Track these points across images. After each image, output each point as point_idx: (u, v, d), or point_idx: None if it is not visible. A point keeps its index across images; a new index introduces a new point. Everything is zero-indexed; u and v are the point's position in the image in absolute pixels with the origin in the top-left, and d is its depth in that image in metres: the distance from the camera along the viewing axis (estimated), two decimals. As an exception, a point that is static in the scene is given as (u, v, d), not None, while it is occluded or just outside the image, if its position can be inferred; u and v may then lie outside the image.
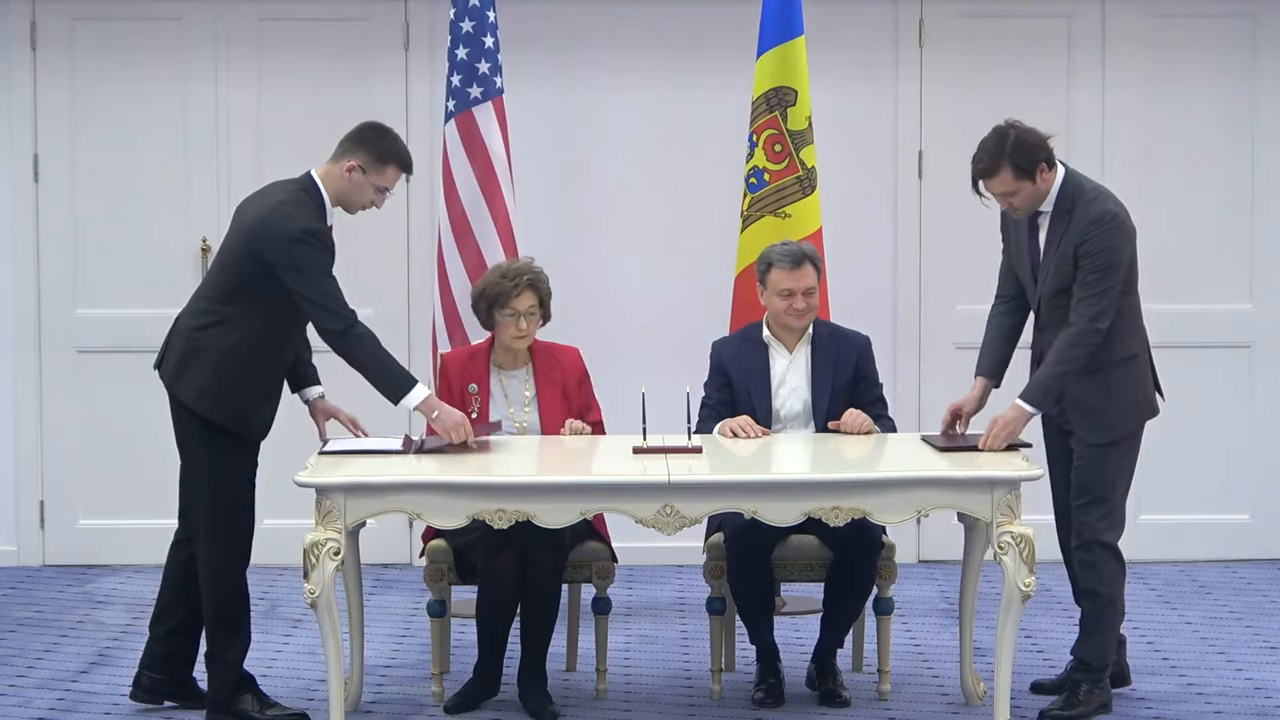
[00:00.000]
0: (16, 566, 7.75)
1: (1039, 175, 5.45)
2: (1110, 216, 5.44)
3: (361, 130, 5.51)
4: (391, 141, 5.49)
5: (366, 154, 5.44)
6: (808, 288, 5.85)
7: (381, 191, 5.49)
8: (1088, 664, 5.58)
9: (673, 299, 7.69)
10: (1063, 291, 5.50)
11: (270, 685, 5.86)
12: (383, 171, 5.46)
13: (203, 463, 5.47)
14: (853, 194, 7.59)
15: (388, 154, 5.46)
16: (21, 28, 7.64)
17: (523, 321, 5.84)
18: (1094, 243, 5.42)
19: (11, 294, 7.71)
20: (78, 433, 7.71)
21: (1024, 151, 5.42)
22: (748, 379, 5.90)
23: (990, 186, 5.48)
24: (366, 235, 7.68)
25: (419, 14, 7.65)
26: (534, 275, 5.88)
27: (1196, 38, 7.72)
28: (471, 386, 5.86)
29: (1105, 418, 5.51)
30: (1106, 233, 5.42)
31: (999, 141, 5.45)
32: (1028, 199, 5.49)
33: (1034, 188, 5.46)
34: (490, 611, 5.58)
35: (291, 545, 5.57)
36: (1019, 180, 5.44)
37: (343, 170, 5.44)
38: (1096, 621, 5.56)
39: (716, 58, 7.63)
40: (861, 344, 5.97)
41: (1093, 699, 5.55)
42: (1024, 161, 5.42)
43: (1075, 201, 5.47)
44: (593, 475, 5.42)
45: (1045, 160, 5.45)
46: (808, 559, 5.78)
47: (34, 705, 5.80)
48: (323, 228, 5.40)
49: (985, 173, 5.47)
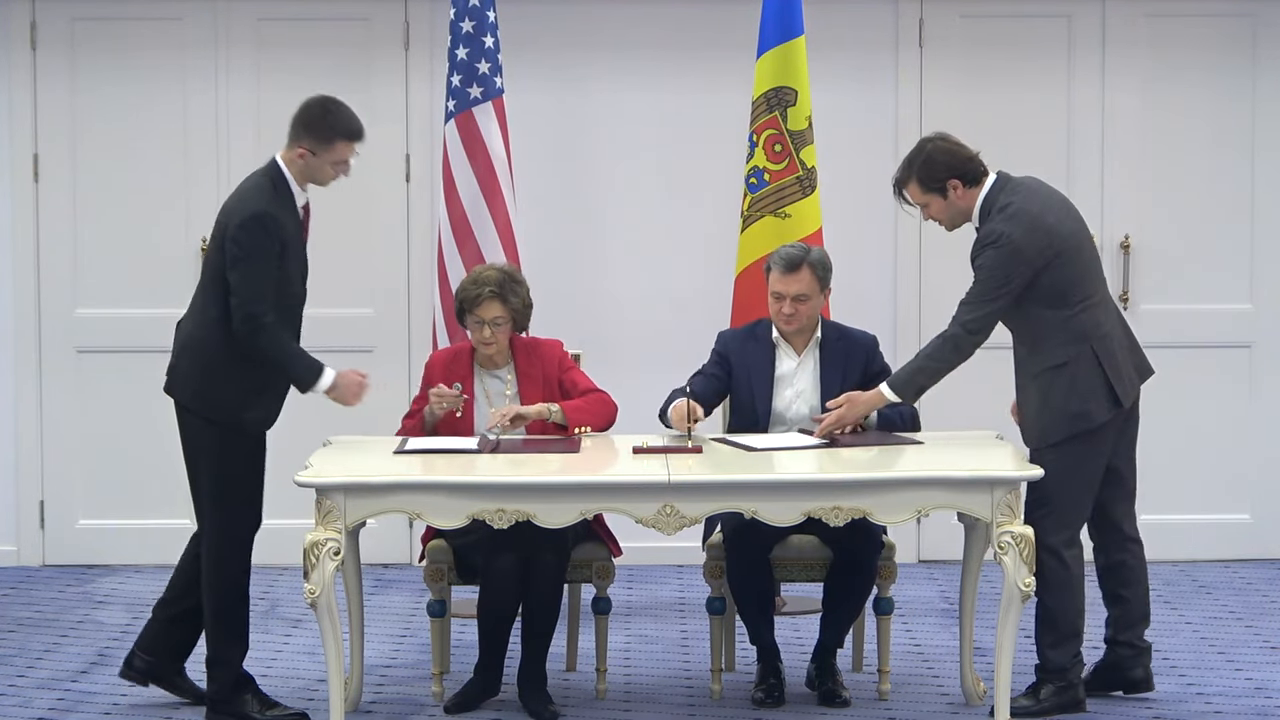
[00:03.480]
0: (16, 566, 7.75)
1: (950, 190, 5.52)
2: (998, 235, 5.45)
3: (305, 111, 5.52)
4: (335, 117, 5.50)
5: (311, 137, 5.47)
6: (798, 293, 5.82)
7: (339, 165, 5.51)
8: (1043, 666, 5.62)
9: (673, 299, 7.69)
10: None
11: (270, 685, 5.86)
12: (331, 149, 5.47)
13: (204, 461, 5.48)
14: (853, 194, 7.59)
15: (331, 132, 5.47)
16: (21, 28, 7.64)
17: (486, 330, 5.79)
18: (980, 259, 5.49)
19: (11, 294, 7.71)
20: (78, 433, 7.71)
21: (931, 168, 5.52)
22: (749, 375, 5.89)
23: (906, 195, 5.60)
24: (366, 235, 7.70)
25: (419, 14, 7.65)
26: (500, 286, 5.78)
27: (1196, 38, 7.72)
28: (455, 385, 5.84)
29: (1033, 424, 5.57)
30: (990, 251, 5.46)
31: (914, 154, 5.59)
32: (941, 212, 5.58)
33: (945, 203, 5.55)
34: (491, 612, 5.58)
35: (291, 545, 5.57)
36: (926, 194, 5.55)
37: (295, 156, 5.48)
38: (1047, 625, 5.58)
39: (716, 58, 7.63)
40: (869, 344, 5.96)
41: (1055, 698, 5.58)
42: (929, 177, 5.52)
43: (989, 215, 5.52)
44: (593, 475, 5.41)
45: (959, 178, 5.51)
46: (808, 559, 5.78)
47: (34, 705, 5.80)
48: (271, 211, 5.39)
49: (898, 182, 5.61)
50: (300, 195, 5.50)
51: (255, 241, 5.35)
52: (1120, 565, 5.73)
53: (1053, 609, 5.56)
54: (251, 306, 5.34)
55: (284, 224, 5.41)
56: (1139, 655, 5.76)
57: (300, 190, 5.50)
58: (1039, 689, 5.60)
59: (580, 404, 5.81)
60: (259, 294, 5.35)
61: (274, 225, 5.37)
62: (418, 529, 7.03)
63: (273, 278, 5.37)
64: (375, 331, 7.69)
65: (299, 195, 5.50)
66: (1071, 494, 5.52)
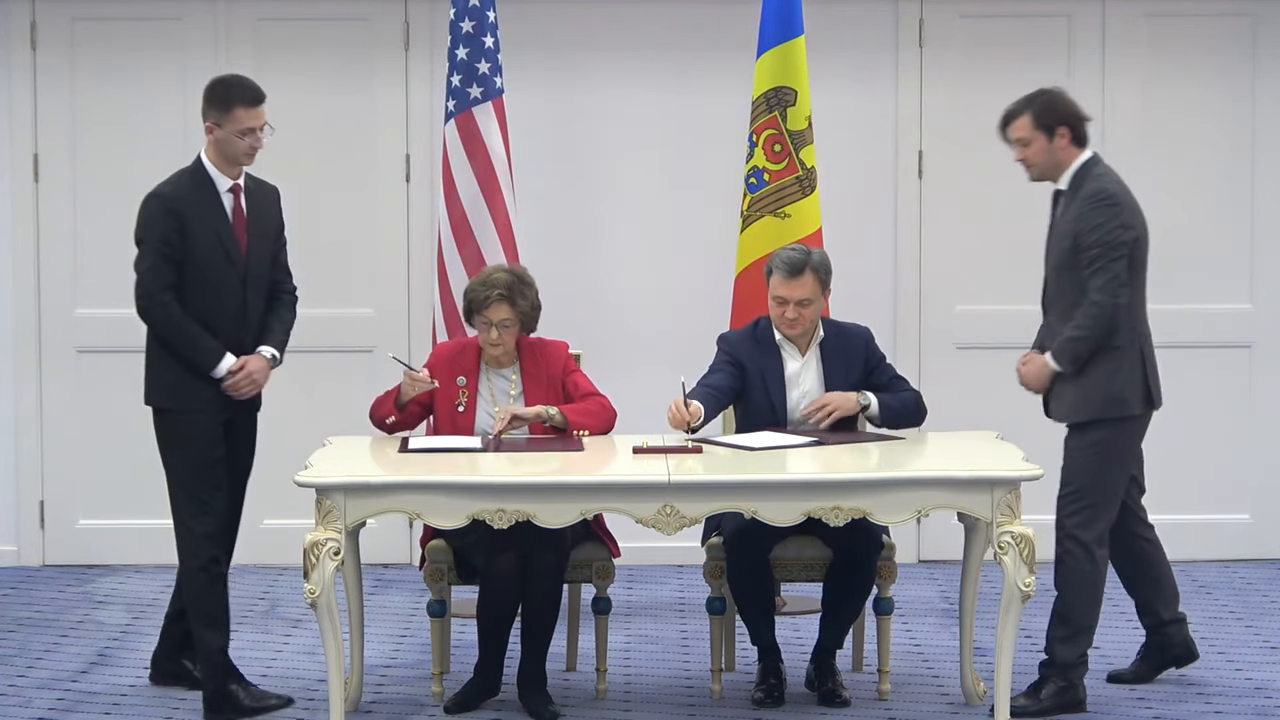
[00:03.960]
0: (16, 566, 7.74)
1: (1057, 135, 5.59)
2: (1105, 194, 5.53)
3: (207, 90, 5.65)
4: (230, 87, 5.61)
5: (213, 111, 5.59)
6: (801, 299, 5.81)
7: (246, 134, 5.58)
8: (1052, 660, 5.64)
9: (672, 299, 7.69)
10: (1062, 269, 5.58)
11: (270, 685, 5.87)
12: (231, 115, 5.57)
13: (162, 451, 5.60)
14: (853, 194, 7.59)
15: (226, 99, 5.59)
16: (21, 28, 7.64)
17: (494, 331, 5.78)
18: (1088, 219, 5.52)
19: (11, 294, 7.71)
20: (78, 433, 7.71)
21: (1052, 106, 5.62)
22: (764, 379, 5.87)
23: (1011, 130, 5.67)
24: (367, 235, 7.69)
25: (419, 14, 7.65)
26: (509, 289, 5.77)
27: (1196, 38, 7.72)
28: (460, 379, 5.85)
29: (1067, 397, 5.59)
30: (1099, 209, 5.51)
31: (1034, 93, 5.68)
32: (1040, 155, 5.63)
33: (1049, 146, 5.61)
34: (491, 612, 5.58)
35: (291, 545, 5.57)
36: (1036, 129, 5.61)
37: (207, 138, 5.60)
38: (1062, 619, 5.62)
39: (716, 58, 7.63)
40: (865, 336, 5.98)
41: (1058, 698, 5.60)
42: (1046, 113, 5.61)
43: (1083, 182, 5.59)
44: (593, 475, 5.41)
45: (1069, 127, 5.60)
46: (808, 559, 5.78)
47: (34, 705, 5.80)
48: (164, 192, 5.56)
49: (1009, 115, 5.69)
50: (224, 179, 5.60)
51: (146, 221, 5.55)
52: (1143, 550, 5.83)
53: (1071, 604, 5.59)
54: (142, 285, 5.53)
55: (181, 206, 5.52)
56: (1181, 627, 5.88)
57: (224, 175, 5.60)
58: (1040, 688, 5.62)
59: (580, 408, 5.80)
60: (150, 273, 5.51)
61: (164, 204, 5.52)
62: (418, 529, 7.02)
63: (170, 258, 5.49)
64: (375, 331, 7.69)
65: (222, 179, 5.60)
66: (1104, 490, 5.57)
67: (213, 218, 5.55)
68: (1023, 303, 7.69)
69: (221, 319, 5.57)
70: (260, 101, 5.62)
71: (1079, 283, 5.52)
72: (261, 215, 5.69)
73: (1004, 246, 7.67)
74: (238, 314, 5.60)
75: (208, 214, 5.55)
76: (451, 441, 5.66)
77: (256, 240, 5.65)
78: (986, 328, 7.68)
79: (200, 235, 5.52)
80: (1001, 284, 7.68)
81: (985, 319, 7.71)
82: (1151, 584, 5.85)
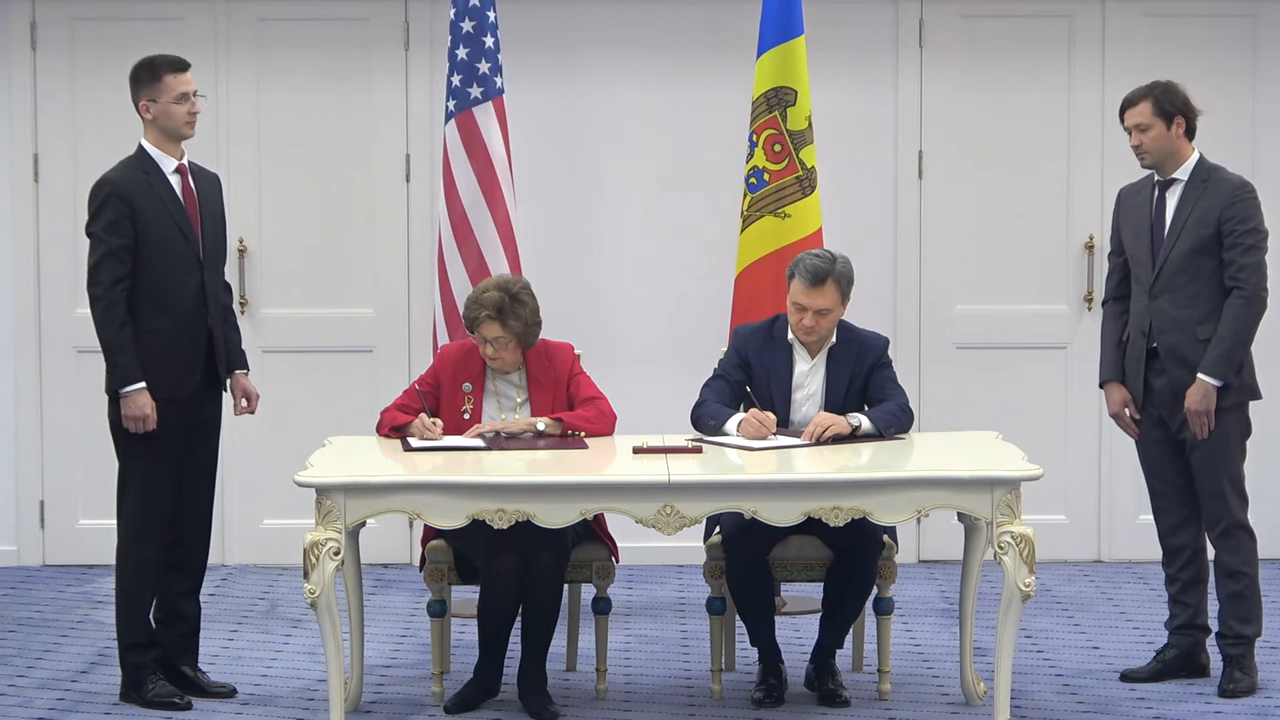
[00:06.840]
0: (16, 566, 7.75)
1: (1175, 125, 5.75)
2: (1250, 187, 5.74)
3: (130, 78, 5.68)
4: (151, 61, 5.67)
5: (144, 90, 5.64)
6: (821, 308, 5.77)
7: (181, 101, 5.62)
8: (1246, 638, 5.78)
9: (672, 299, 7.69)
10: (1197, 252, 5.69)
11: (270, 685, 5.88)
12: (162, 84, 5.62)
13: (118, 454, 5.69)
14: (853, 194, 7.59)
15: (154, 71, 5.64)
16: (21, 28, 7.64)
17: (489, 348, 5.77)
18: (1240, 208, 5.69)
19: (11, 294, 7.71)
20: (78, 433, 7.70)
21: (1170, 96, 5.78)
22: (770, 378, 5.86)
23: (1130, 115, 5.80)
24: (367, 235, 7.69)
25: (419, 14, 7.65)
26: (499, 310, 5.70)
27: (1196, 38, 7.72)
28: (465, 385, 5.84)
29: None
30: (1251, 200, 5.70)
31: (1154, 82, 5.83)
32: (1157, 142, 5.76)
33: (1166, 134, 5.76)
34: (491, 612, 5.58)
35: (291, 545, 5.57)
36: (1155, 115, 5.76)
37: (144, 116, 5.64)
38: (1248, 596, 5.76)
39: (716, 58, 7.63)
40: (880, 345, 5.92)
41: (1255, 669, 5.81)
42: (1166, 102, 5.77)
43: (1212, 173, 5.76)
44: (593, 475, 5.41)
45: (1185, 118, 5.76)
46: (808, 559, 5.78)
47: (34, 705, 5.80)
48: (109, 176, 5.60)
49: (1130, 100, 5.83)
50: (169, 160, 5.64)
51: (95, 212, 5.59)
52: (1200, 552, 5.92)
53: (1254, 581, 5.78)
54: (91, 277, 5.59)
55: (129, 189, 5.56)
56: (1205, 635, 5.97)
57: (168, 155, 5.64)
58: (1243, 661, 5.78)
59: (579, 414, 5.80)
60: (96, 265, 5.55)
61: (110, 189, 5.56)
62: (418, 529, 7.02)
63: (122, 249, 5.54)
64: (375, 331, 7.69)
65: (166, 160, 5.64)
66: (1240, 474, 5.81)
67: (163, 199, 5.60)
68: (1023, 303, 7.74)
69: (183, 299, 5.62)
70: (187, 68, 5.67)
71: (1211, 268, 5.66)
72: (209, 197, 5.76)
73: (1004, 246, 7.67)
74: (197, 293, 5.66)
75: (157, 197, 5.60)
76: (456, 441, 5.65)
77: (209, 219, 5.72)
78: (986, 328, 7.68)
79: (152, 219, 5.57)
80: (1001, 284, 7.68)
81: (985, 319, 7.71)
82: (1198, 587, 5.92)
